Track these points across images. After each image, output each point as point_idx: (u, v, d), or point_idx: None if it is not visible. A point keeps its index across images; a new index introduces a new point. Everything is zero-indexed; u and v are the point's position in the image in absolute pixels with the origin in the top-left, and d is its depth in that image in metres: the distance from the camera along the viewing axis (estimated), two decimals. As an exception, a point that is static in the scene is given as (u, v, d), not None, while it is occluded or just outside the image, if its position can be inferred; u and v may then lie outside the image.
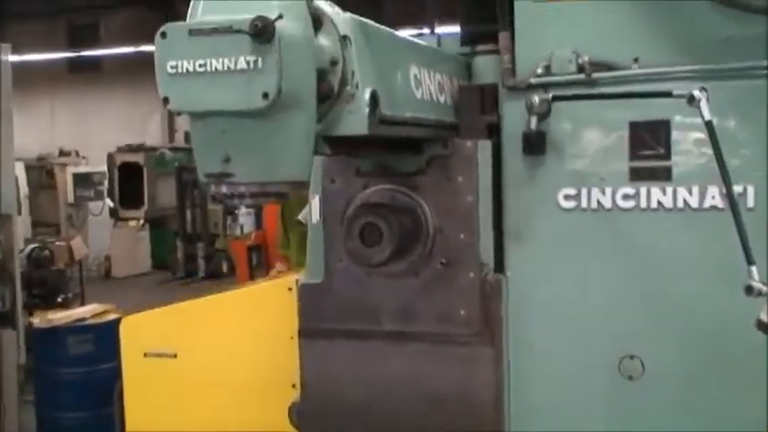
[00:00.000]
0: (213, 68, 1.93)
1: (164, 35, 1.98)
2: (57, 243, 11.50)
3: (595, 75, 2.79)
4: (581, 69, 2.81)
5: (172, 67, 1.97)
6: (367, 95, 2.17)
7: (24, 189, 16.23)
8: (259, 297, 3.21)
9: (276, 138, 2.00)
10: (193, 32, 1.94)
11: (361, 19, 2.26)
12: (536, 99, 2.80)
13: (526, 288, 2.92)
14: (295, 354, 3.03)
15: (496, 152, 2.95)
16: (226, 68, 1.92)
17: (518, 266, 2.94)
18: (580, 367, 2.85)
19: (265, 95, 1.91)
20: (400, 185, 2.91)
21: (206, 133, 2.03)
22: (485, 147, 2.90)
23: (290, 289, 3.09)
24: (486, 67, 3.07)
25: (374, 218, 2.71)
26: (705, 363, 2.71)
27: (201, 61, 1.93)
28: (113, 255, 18.82)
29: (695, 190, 2.70)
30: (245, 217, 17.44)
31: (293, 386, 3.09)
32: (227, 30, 1.90)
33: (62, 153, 19.26)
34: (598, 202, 2.81)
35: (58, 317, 7.04)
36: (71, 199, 18.97)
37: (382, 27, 2.42)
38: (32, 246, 10.31)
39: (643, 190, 2.76)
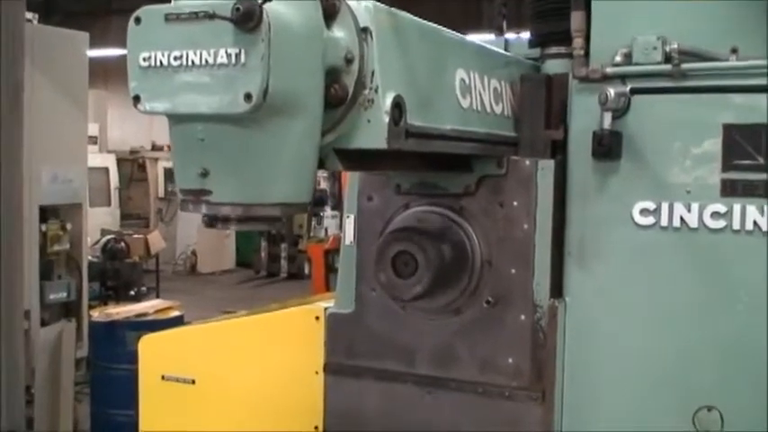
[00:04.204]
0: (190, 62, 1.58)
1: (137, 20, 1.64)
2: (134, 236, 11.50)
3: (685, 65, 2.39)
4: (668, 59, 2.40)
5: (144, 60, 1.64)
6: (389, 101, 1.78)
7: (115, 181, 16.45)
8: (284, 324, 2.88)
9: (266, 150, 1.63)
10: (170, 18, 1.59)
11: (390, 9, 1.87)
12: (611, 92, 2.39)
13: (588, 320, 2.52)
14: (320, 391, 2.72)
15: (560, 173, 2.51)
16: (204, 62, 1.57)
17: (580, 293, 2.54)
18: (648, 419, 2.46)
19: (248, 97, 1.55)
20: (446, 208, 2.55)
21: (183, 141, 1.68)
22: (546, 167, 2.49)
23: (317, 318, 2.75)
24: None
25: (409, 245, 2.38)
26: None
27: (177, 53, 1.59)
28: (199, 250, 18.92)
29: None
30: (330, 220, 17.21)
31: (315, 428, 2.74)
32: (207, 15, 1.54)
33: (155, 147, 19.43)
34: (681, 220, 2.42)
35: (118, 311, 6.88)
36: (162, 193, 19.16)
37: (419, 20, 2.02)
38: (108, 237, 10.28)
39: (737, 208, 2.35)
